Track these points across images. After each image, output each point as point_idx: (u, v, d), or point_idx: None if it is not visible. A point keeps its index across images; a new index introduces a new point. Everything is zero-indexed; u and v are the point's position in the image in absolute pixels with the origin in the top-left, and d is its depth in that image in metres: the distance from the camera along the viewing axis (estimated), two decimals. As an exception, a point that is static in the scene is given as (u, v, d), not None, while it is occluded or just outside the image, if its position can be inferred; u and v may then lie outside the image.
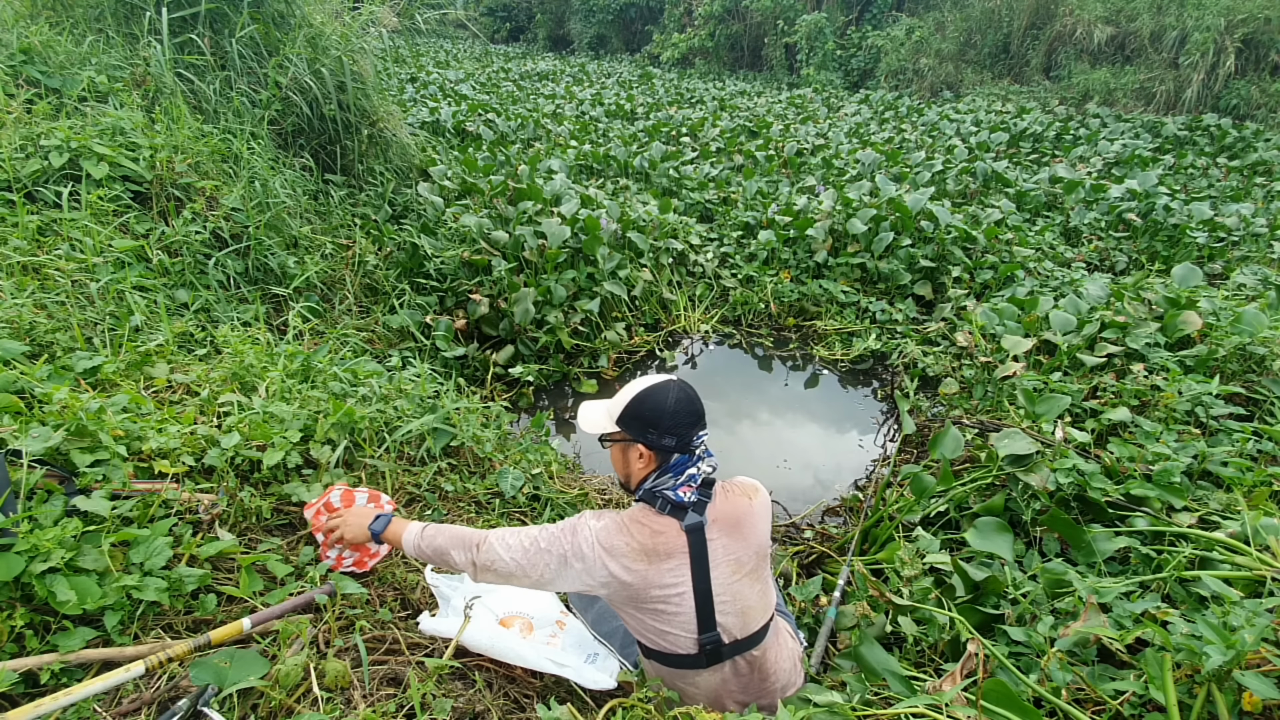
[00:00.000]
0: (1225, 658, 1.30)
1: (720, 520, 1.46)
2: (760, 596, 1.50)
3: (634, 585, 1.42)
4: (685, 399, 1.46)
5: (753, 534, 1.49)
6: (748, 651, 1.50)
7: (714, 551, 1.44)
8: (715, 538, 1.44)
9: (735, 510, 1.48)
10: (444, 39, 24.44)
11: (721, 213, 5.90)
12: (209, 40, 3.76)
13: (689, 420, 1.44)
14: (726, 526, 1.46)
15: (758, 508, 1.52)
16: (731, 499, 1.50)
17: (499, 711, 1.56)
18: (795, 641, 1.69)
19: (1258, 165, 7.53)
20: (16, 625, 1.30)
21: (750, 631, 1.49)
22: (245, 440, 1.95)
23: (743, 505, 1.50)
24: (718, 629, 1.45)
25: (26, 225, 2.58)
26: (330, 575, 1.72)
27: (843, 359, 4.20)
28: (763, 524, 1.53)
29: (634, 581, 1.41)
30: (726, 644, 1.47)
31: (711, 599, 1.43)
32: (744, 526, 1.48)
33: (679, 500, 1.43)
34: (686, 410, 1.44)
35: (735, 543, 1.46)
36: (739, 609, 1.46)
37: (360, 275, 3.77)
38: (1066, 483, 2.15)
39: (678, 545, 1.42)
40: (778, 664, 1.57)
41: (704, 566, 1.42)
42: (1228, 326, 3.05)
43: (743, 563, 1.46)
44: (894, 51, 15.32)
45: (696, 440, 1.46)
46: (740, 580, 1.46)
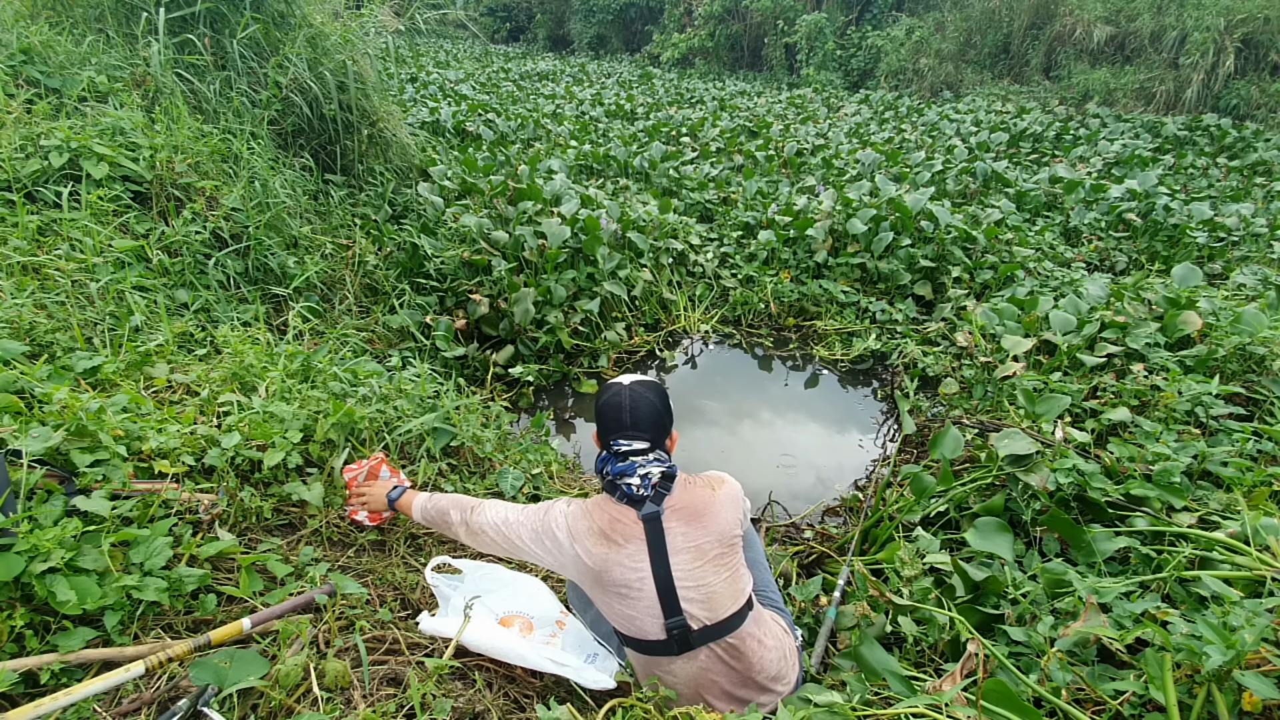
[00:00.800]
0: (1225, 658, 1.30)
1: (679, 509, 1.52)
2: (728, 584, 1.52)
3: (595, 569, 1.50)
4: (612, 407, 1.56)
5: (714, 522, 1.52)
6: (722, 639, 1.50)
7: (672, 540, 1.49)
8: (673, 526, 1.50)
9: (695, 500, 1.54)
10: (444, 39, 24.44)
11: (721, 213, 5.90)
12: (209, 40, 3.76)
13: (609, 421, 1.56)
14: (686, 515, 1.51)
15: (721, 498, 1.57)
16: (692, 490, 1.57)
17: (499, 711, 1.56)
18: (787, 634, 1.68)
19: (1258, 165, 7.53)
20: (16, 625, 1.30)
21: (720, 618, 1.50)
22: (245, 440, 1.95)
23: (703, 495, 1.56)
24: (683, 615, 1.47)
25: (26, 225, 2.58)
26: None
27: (843, 359, 4.20)
28: (727, 513, 1.56)
29: (594, 565, 1.50)
30: (695, 630, 1.48)
31: (673, 585, 1.47)
32: (705, 515, 1.52)
33: (630, 492, 1.51)
34: (610, 418, 1.56)
35: (695, 530, 1.50)
36: (704, 595, 1.49)
37: (360, 275, 3.77)
38: (1066, 483, 2.15)
39: (634, 532, 1.49)
40: (761, 653, 1.56)
41: (662, 553, 1.47)
42: (1228, 326, 3.05)
43: (704, 550, 1.50)
44: (894, 51, 15.32)
45: (615, 446, 1.55)
46: (703, 566, 1.49)
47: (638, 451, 1.54)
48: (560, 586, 2.14)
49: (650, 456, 1.55)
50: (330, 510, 2.00)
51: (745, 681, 1.56)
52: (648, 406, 1.56)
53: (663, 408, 1.60)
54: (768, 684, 1.58)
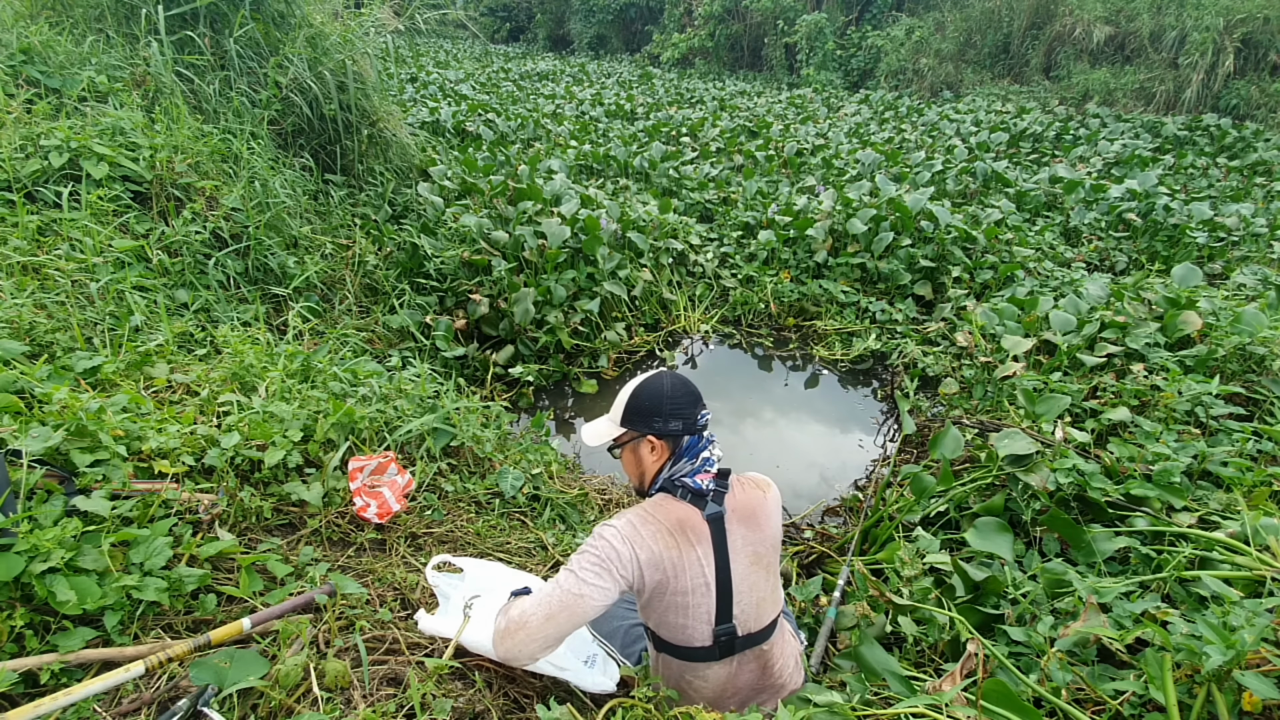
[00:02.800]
0: (1225, 658, 1.30)
1: (738, 510, 1.47)
2: (773, 591, 1.51)
3: (661, 577, 1.38)
4: (680, 382, 1.49)
5: (768, 525, 1.50)
6: (757, 646, 1.51)
7: (733, 542, 1.44)
8: (734, 528, 1.45)
9: (751, 502, 1.50)
10: (444, 39, 24.44)
11: (721, 213, 5.90)
12: (209, 40, 3.76)
13: (688, 400, 1.46)
14: (744, 517, 1.47)
15: (770, 502, 1.54)
16: (748, 490, 1.52)
17: (499, 711, 1.56)
18: (796, 640, 1.70)
19: (1257, 165, 7.53)
20: (16, 625, 1.30)
21: (763, 625, 1.50)
22: (245, 440, 1.95)
23: (757, 497, 1.51)
24: (734, 621, 1.45)
25: (26, 225, 2.58)
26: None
27: (843, 359, 4.20)
28: (775, 518, 1.54)
29: (664, 570, 1.38)
30: (740, 636, 1.47)
31: (731, 590, 1.43)
32: (759, 518, 1.49)
33: (698, 488, 1.44)
34: (684, 392, 1.47)
35: (753, 533, 1.47)
36: (755, 600, 1.47)
37: (360, 275, 3.77)
38: (1066, 483, 2.15)
39: (703, 533, 1.41)
40: (783, 661, 1.58)
41: (725, 556, 1.42)
42: (1227, 326, 3.05)
43: (760, 555, 1.47)
44: (894, 51, 15.32)
45: (701, 419, 1.48)
46: (757, 572, 1.47)
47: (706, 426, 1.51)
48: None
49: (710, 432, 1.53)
50: (330, 510, 2.00)
51: (763, 687, 1.58)
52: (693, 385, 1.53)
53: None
54: (779, 688, 1.60)
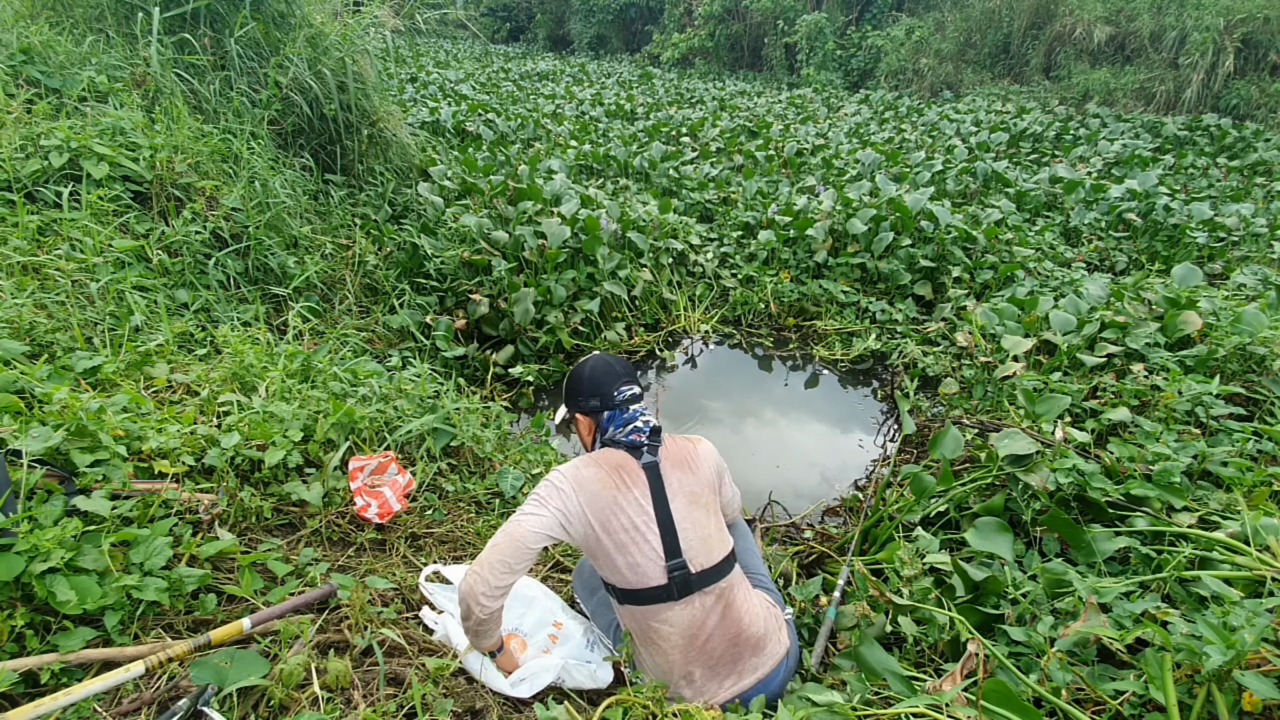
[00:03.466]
0: (1225, 658, 1.30)
1: (671, 458, 1.65)
2: (717, 529, 1.64)
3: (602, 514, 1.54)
4: (601, 364, 1.71)
5: (700, 470, 1.67)
6: (715, 584, 1.58)
7: (670, 484, 1.60)
8: (669, 472, 1.62)
9: (683, 451, 1.69)
10: (444, 39, 24.44)
11: (721, 213, 5.89)
12: (209, 40, 3.76)
13: (606, 379, 1.68)
14: (678, 463, 1.65)
15: (702, 452, 1.71)
16: (678, 443, 1.71)
17: (499, 711, 1.56)
18: (774, 606, 1.74)
19: (1258, 165, 7.53)
20: (16, 625, 1.30)
21: (714, 561, 1.58)
22: (245, 440, 1.95)
23: (688, 448, 1.70)
24: (683, 556, 1.55)
25: (26, 225, 2.58)
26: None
27: (843, 359, 4.20)
28: (707, 465, 1.70)
29: (606, 502, 1.54)
30: (694, 574, 1.55)
31: (674, 527, 1.56)
32: (691, 463, 1.67)
33: (630, 441, 1.63)
34: (603, 372, 1.69)
35: (687, 476, 1.64)
36: (700, 537, 1.58)
37: (360, 275, 3.77)
38: (1066, 483, 2.15)
39: (640, 478, 1.59)
40: (748, 606, 1.63)
41: (663, 498, 1.58)
42: (1228, 326, 3.05)
43: (697, 495, 1.63)
44: (894, 51, 15.32)
45: (618, 394, 1.67)
46: (697, 511, 1.61)
47: (637, 397, 1.69)
48: (559, 586, 2.14)
49: (644, 404, 1.70)
50: (330, 509, 2.00)
51: (736, 639, 1.60)
52: (623, 361, 1.74)
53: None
54: (757, 643, 1.61)
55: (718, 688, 1.60)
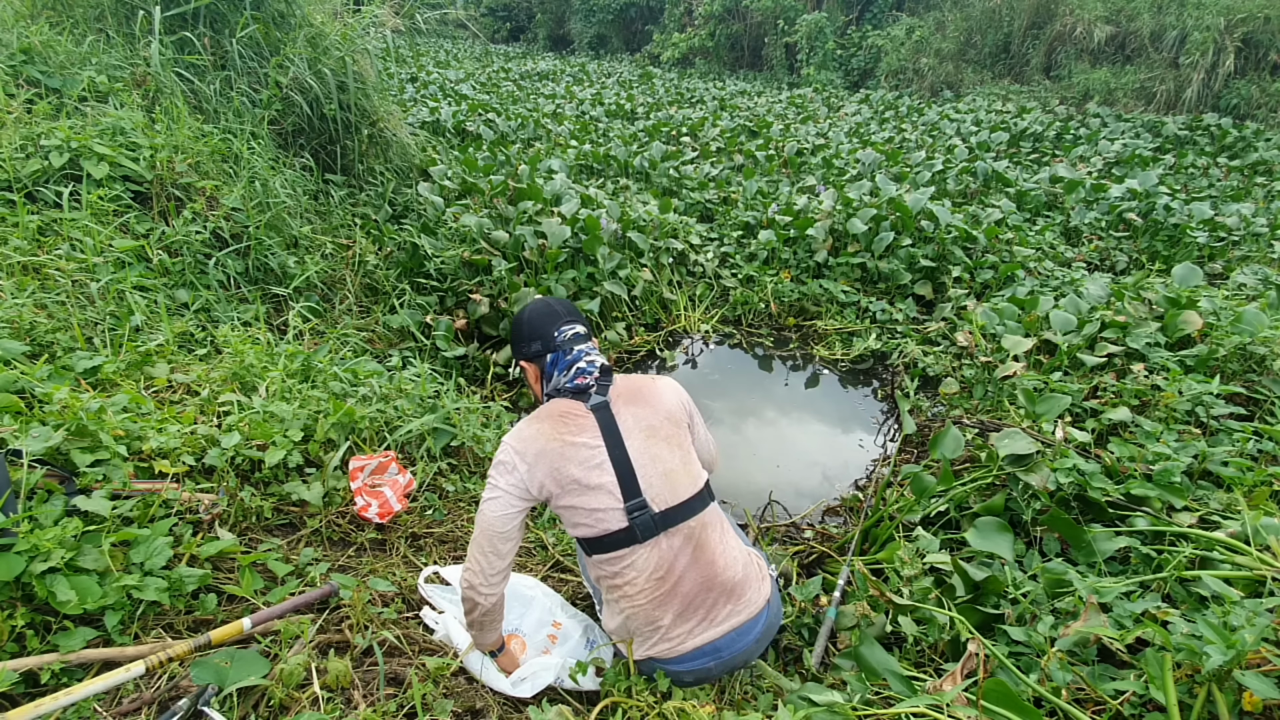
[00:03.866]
0: (1225, 657, 1.30)
1: (624, 395, 1.55)
2: (684, 464, 1.54)
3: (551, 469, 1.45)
4: (541, 305, 1.60)
5: (660, 402, 1.57)
6: (683, 523, 1.50)
7: (623, 421, 1.51)
8: (621, 409, 1.52)
9: (635, 385, 1.59)
10: (444, 39, 24.43)
11: (721, 212, 5.89)
12: (209, 40, 3.76)
13: (546, 320, 1.57)
14: (630, 398, 1.55)
15: (661, 384, 1.62)
16: (632, 379, 1.61)
17: (499, 711, 1.56)
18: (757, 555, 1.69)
19: (1258, 165, 7.52)
20: (17, 625, 1.30)
21: (679, 499, 1.50)
22: (245, 440, 1.96)
23: (644, 381, 1.61)
24: (643, 495, 1.47)
25: (27, 225, 2.58)
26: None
27: (843, 359, 4.19)
28: (670, 396, 1.60)
29: (554, 458, 1.45)
30: (657, 513, 1.47)
31: (631, 465, 1.47)
32: (647, 394, 1.57)
33: (575, 386, 1.54)
34: (543, 313, 1.58)
35: (643, 410, 1.54)
36: (661, 472, 1.49)
37: (360, 275, 3.77)
38: (1067, 482, 2.15)
39: (587, 423, 1.49)
40: (721, 548, 1.55)
41: (616, 436, 1.49)
42: (1228, 326, 3.05)
43: (656, 429, 1.53)
44: (894, 51, 15.31)
45: (559, 334, 1.56)
46: (657, 444, 1.51)
47: (582, 336, 1.58)
48: (559, 586, 2.14)
49: (592, 344, 1.59)
50: (330, 509, 2.00)
51: (709, 582, 1.53)
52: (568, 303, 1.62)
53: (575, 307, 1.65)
54: (733, 589, 1.55)
55: (687, 634, 1.52)
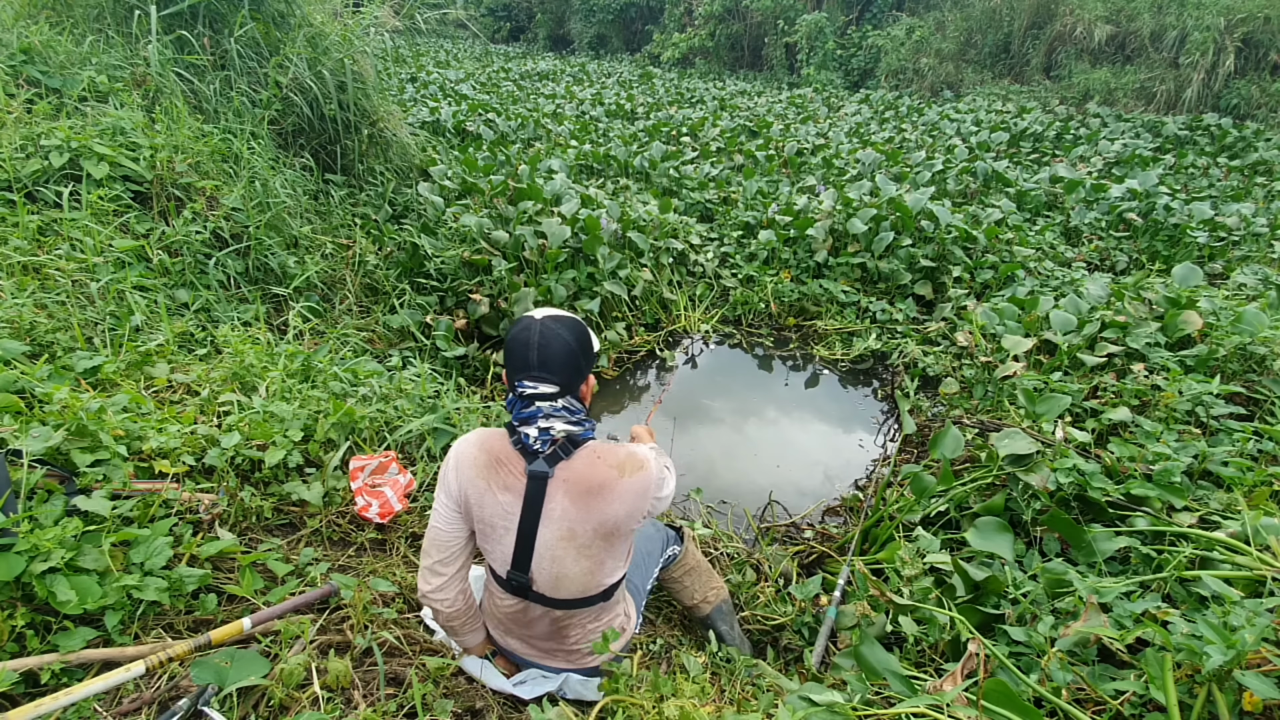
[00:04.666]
0: (1226, 657, 1.30)
1: (571, 481, 1.35)
2: (585, 574, 1.41)
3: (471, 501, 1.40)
4: (518, 340, 1.35)
5: (603, 509, 1.35)
6: (552, 610, 1.47)
7: (550, 509, 1.36)
8: (556, 496, 1.36)
9: (593, 478, 1.35)
10: (444, 39, 24.43)
11: (722, 212, 5.89)
12: (208, 40, 3.76)
13: (514, 361, 1.35)
14: (575, 492, 1.35)
15: (626, 486, 1.36)
16: (596, 466, 1.36)
17: (499, 711, 1.56)
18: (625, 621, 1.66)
19: (1258, 165, 7.52)
20: (17, 625, 1.30)
21: (560, 597, 1.44)
22: (245, 440, 1.96)
23: (605, 476, 1.36)
24: (529, 574, 1.41)
25: (27, 225, 2.58)
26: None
27: (843, 359, 4.20)
28: (624, 504, 1.36)
29: (472, 497, 1.39)
30: (533, 590, 1.44)
31: (532, 549, 1.38)
32: (595, 499, 1.35)
33: (526, 443, 1.36)
34: (515, 354, 1.35)
35: (578, 510, 1.35)
36: (553, 574, 1.40)
37: (360, 275, 3.77)
38: (1067, 482, 2.15)
39: (515, 484, 1.37)
40: (581, 635, 1.55)
41: (535, 515, 1.36)
42: (1228, 326, 3.05)
43: (576, 534, 1.37)
44: (894, 51, 15.31)
45: (520, 387, 1.35)
46: (566, 548, 1.38)
47: (544, 396, 1.34)
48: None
49: (559, 404, 1.35)
50: (330, 509, 2.00)
51: (560, 642, 1.56)
52: (560, 346, 1.33)
53: (578, 348, 1.36)
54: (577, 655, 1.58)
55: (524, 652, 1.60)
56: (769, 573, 2.35)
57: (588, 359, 1.40)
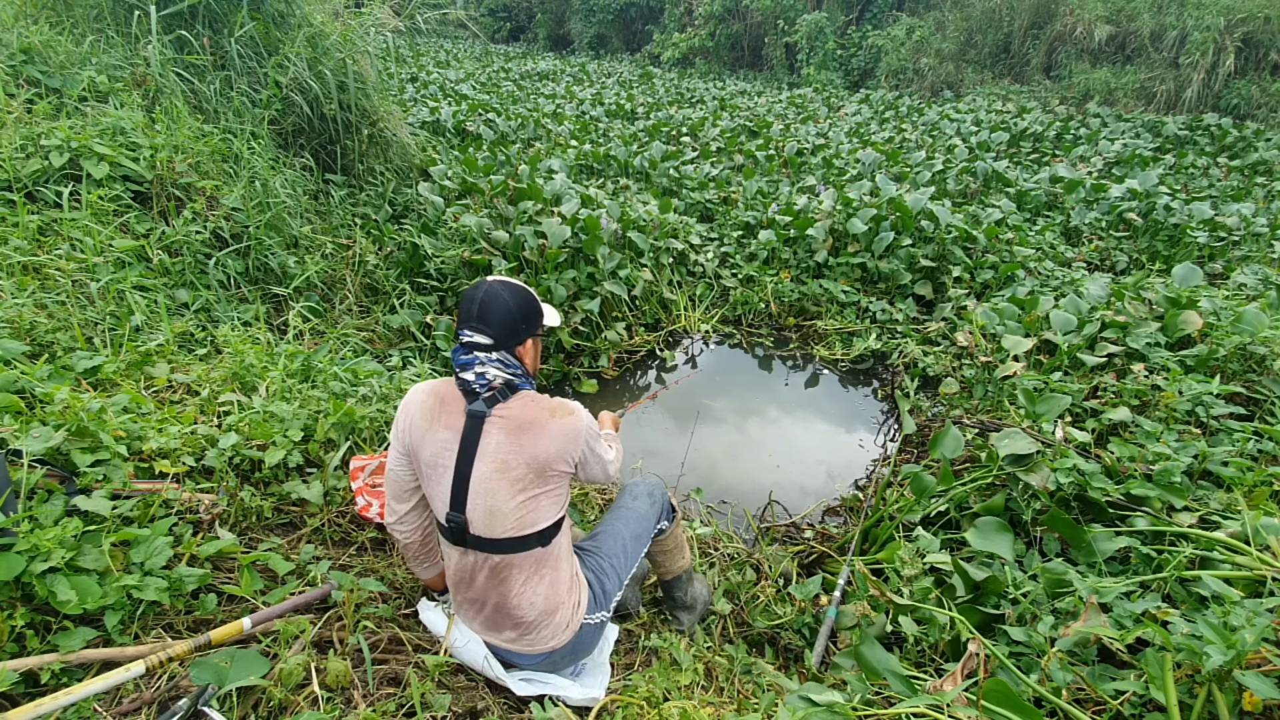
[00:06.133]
0: (1226, 657, 1.30)
1: (506, 419, 1.47)
2: (517, 509, 1.47)
3: (413, 443, 1.52)
4: (470, 295, 1.51)
5: (534, 444, 1.46)
6: (489, 554, 1.50)
7: (485, 443, 1.46)
8: (492, 433, 1.47)
9: (525, 415, 1.48)
10: (444, 39, 24.44)
11: (722, 212, 5.89)
12: (208, 40, 3.76)
13: (462, 310, 1.51)
14: (509, 427, 1.47)
15: (555, 426, 1.49)
16: (530, 408, 1.50)
17: (499, 710, 1.56)
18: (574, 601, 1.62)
19: (1258, 165, 7.52)
20: (17, 625, 1.30)
21: (494, 536, 1.48)
22: (245, 440, 1.96)
23: (536, 415, 1.49)
24: (465, 514, 1.48)
25: (27, 225, 2.58)
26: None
27: (843, 359, 4.19)
28: (553, 442, 1.48)
29: (413, 440, 1.51)
30: (470, 534, 1.49)
31: (467, 484, 1.47)
32: (527, 434, 1.47)
33: (468, 384, 1.48)
34: (465, 302, 1.51)
35: (510, 444, 1.46)
36: (486, 507, 1.46)
37: (360, 275, 3.77)
38: (1067, 482, 2.15)
39: (455, 422, 1.48)
40: (522, 591, 1.54)
41: (471, 452, 1.46)
42: (1228, 326, 3.05)
43: (509, 466, 1.46)
44: (894, 51, 15.31)
45: (461, 334, 1.49)
46: (499, 481, 1.46)
47: (481, 346, 1.48)
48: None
49: (494, 355, 1.48)
50: (331, 509, 2.00)
51: (501, 607, 1.56)
52: (500, 304, 1.48)
53: (517, 311, 1.51)
54: (523, 626, 1.57)
55: (479, 628, 1.63)
56: (769, 573, 2.35)
57: (528, 322, 1.55)
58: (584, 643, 1.66)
